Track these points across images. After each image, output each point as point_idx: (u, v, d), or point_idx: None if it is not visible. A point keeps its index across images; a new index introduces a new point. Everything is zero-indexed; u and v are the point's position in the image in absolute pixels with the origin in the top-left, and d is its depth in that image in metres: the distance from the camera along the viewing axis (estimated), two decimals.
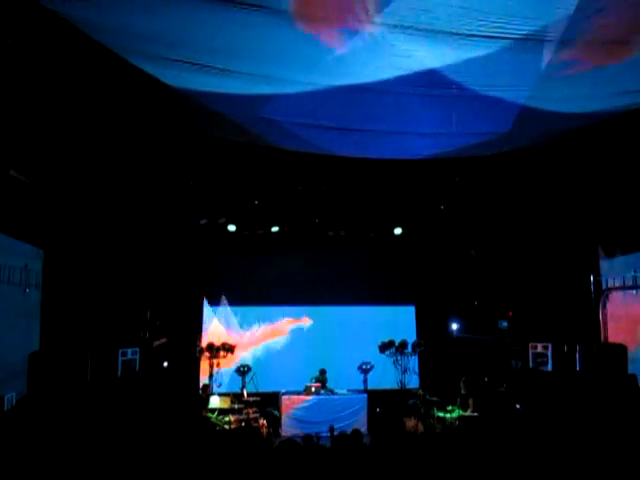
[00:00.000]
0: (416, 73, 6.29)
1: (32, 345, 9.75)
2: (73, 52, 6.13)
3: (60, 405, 8.64)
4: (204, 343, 12.93)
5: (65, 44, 5.93)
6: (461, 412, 11.76)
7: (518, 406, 10.85)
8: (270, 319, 14.00)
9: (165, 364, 12.04)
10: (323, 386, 12.77)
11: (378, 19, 5.42)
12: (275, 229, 13.09)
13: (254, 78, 6.60)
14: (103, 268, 10.97)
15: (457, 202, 11.99)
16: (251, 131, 8.06)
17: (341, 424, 12.03)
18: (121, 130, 8.22)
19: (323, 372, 13.09)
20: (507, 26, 5.56)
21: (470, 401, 11.97)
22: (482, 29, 5.61)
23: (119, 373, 10.16)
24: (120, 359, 10.23)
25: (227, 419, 11.20)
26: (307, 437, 8.45)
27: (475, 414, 11.48)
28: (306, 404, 12.39)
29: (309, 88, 6.71)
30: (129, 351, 10.53)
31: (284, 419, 12.29)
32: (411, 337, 14.05)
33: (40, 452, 7.11)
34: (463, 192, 11.29)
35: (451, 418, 11.62)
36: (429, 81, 6.49)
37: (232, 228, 12.72)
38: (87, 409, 8.61)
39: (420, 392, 12.70)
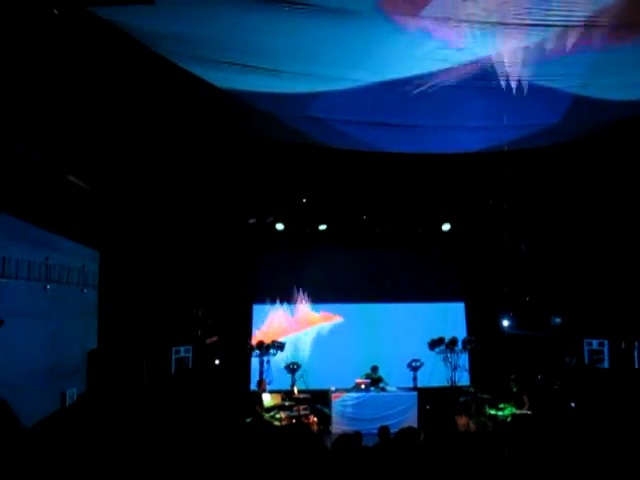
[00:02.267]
0: (465, 65, 6.23)
1: (90, 343, 10.08)
2: (126, 60, 6.30)
3: (118, 401, 8.90)
4: (254, 341, 13.08)
5: (119, 52, 6.11)
6: (514, 410, 11.54)
7: (573, 404, 10.60)
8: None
9: (217, 362, 12.23)
10: (376, 383, 12.72)
11: (426, 12, 5.40)
12: (323, 227, 13.14)
13: (301, 77, 6.66)
14: (156, 268, 11.23)
15: (506, 196, 11.78)
16: (299, 130, 8.11)
17: (391, 422, 11.95)
18: (172, 134, 8.39)
19: (375, 369, 13.03)
20: (558, 13, 5.45)
21: (525, 398, 11.74)
22: (532, 17, 5.52)
23: (173, 370, 10.39)
24: (174, 357, 10.46)
25: (278, 416, 11.29)
26: (357, 434, 8.45)
27: (528, 412, 11.25)
28: (356, 401, 12.37)
29: (356, 85, 6.72)
30: (182, 349, 10.76)
31: (334, 416, 12.30)
32: (461, 334, 13.90)
33: (99, 445, 7.34)
34: (512, 186, 11.08)
35: (503, 416, 11.41)
36: (478, 73, 6.41)
37: (280, 227, 12.84)
38: (143, 405, 8.84)
39: (471, 389, 12.53)
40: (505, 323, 13.63)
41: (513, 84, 6.68)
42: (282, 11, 5.31)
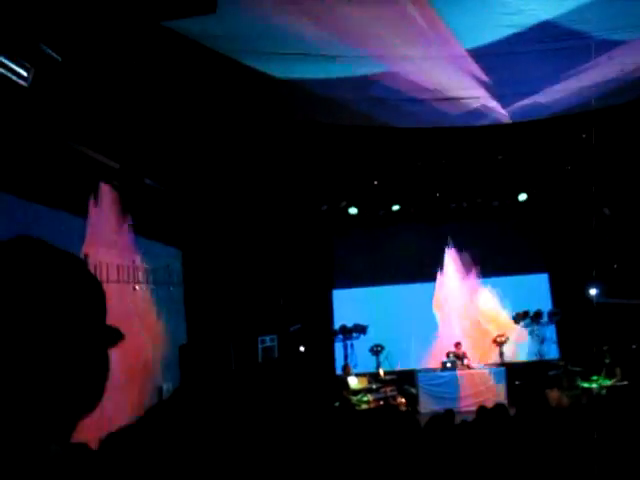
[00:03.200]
0: (530, 29, 5.99)
1: (181, 339, 10.51)
2: (191, 64, 6.49)
3: (210, 392, 9.25)
4: (336, 325, 13.23)
5: (183, 57, 6.30)
6: (607, 382, 11.11)
7: None
8: (398, 297, 13.99)
9: (302, 348, 12.46)
10: (460, 358, 12.59)
11: None
12: (396, 208, 13.06)
13: (360, 59, 6.63)
14: (236, 261, 11.53)
15: (585, 160, 11.27)
16: (363, 112, 8.07)
17: (479, 399, 11.85)
18: (241, 130, 8.56)
19: (458, 345, 12.88)
20: None
21: (617, 370, 11.28)
22: None
23: (260, 359, 10.68)
24: (260, 346, 10.75)
25: (366, 399, 11.40)
26: (449, 412, 8.40)
27: (624, 383, 10.81)
28: (443, 380, 12.30)
29: (417, 62, 6.61)
30: (267, 338, 11.04)
31: (421, 396, 12.29)
32: (546, 306, 13.50)
33: (196, 435, 7.67)
34: (590, 149, 10.59)
35: (597, 389, 11.02)
36: (544, 35, 6.16)
37: (353, 211, 12.87)
38: (234, 394, 9.15)
39: (561, 363, 12.18)
40: (593, 292, 13.10)
41: (583, 42, 6.37)
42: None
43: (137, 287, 8.57)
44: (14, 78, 4.56)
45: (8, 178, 5.77)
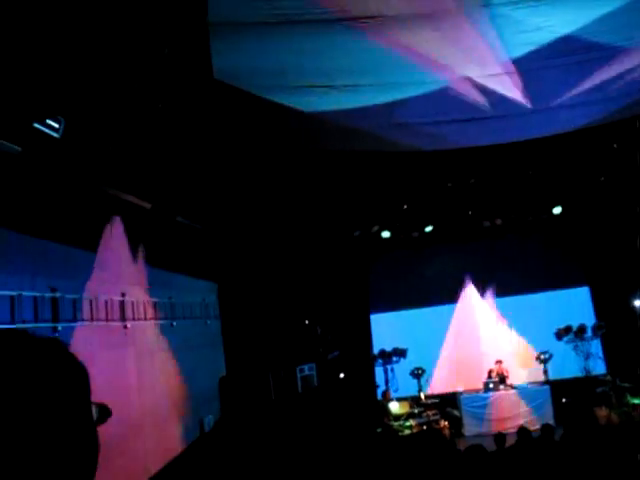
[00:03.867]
0: (549, 45, 5.97)
1: (220, 371, 10.59)
2: (219, 102, 6.66)
3: (250, 423, 9.26)
4: (376, 350, 13.15)
5: (212, 96, 6.47)
6: None
7: None
8: (436, 319, 13.84)
9: (341, 375, 12.40)
10: (503, 378, 12.32)
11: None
12: (429, 229, 12.99)
13: (381, 87, 6.70)
14: (272, 291, 11.60)
15: (618, 170, 11.07)
16: (388, 138, 8.12)
17: (525, 419, 11.57)
18: (272, 162, 8.70)
19: (499, 362, 12.61)
20: None
21: None
22: None
23: (299, 389, 10.67)
24: (299, 375, 10.74)
25: (408, 424, 11.26)
26: (500, 435, 8.23)
27: None
28: (486, 401, 12.06)
29: (439, 86, 6.64)
30: (306, 367, 11.03)
31: (465, 418, 12.07)
32: (589, 320, 13.16)
33: (238, 469, 7.67)
34: (623, 159, 10.41)
35: None
36: (567, 49, 6.13)
37: (386, 234, 12.85)
38: (274, 425, 9.14)
39: (608, 378, 11.81)
40: (637, 304, 12.74)
41: (604, 53, 6.32)
42: (351, 28, 5.42)
43: (174, 323, 8.70)
44: (46, 131, 4.76)
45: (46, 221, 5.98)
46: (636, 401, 10.92)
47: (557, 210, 12.76)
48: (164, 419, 7.95)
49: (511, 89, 7.01)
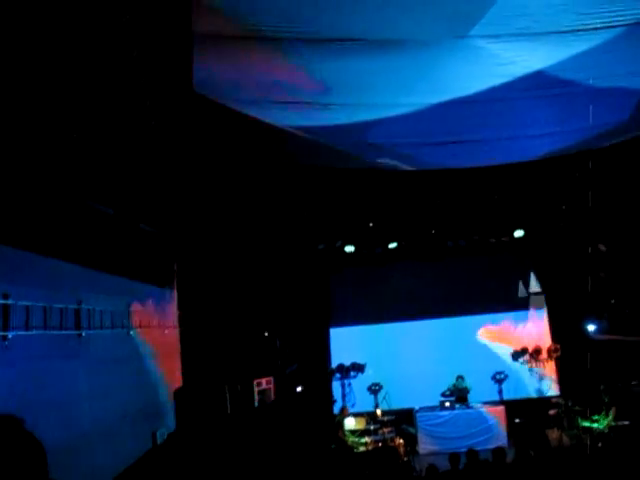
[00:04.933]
0: (522, 78, 6.07)
1: (176, 382, 10.38)
2: (186, 107, 6.54)
3: (205, 437, 9.11)
4: (334, 365, 13.11)
5: (179, 102, 6.36)
6: (610, 421, 10.95)
7: None
8: (396, 335, 13.89)
9: (299, 389, 12.32)
10: (463, 394, 12.37)
11: (474, 31, 5.31)
12: (393, 245, 13.05)
13: (355, 107, 6.70)
14: (232, 303, 11.47)
15: (580, 198, 11.33)
16: (359, 157, 8.14)
17: (479, 438, 11.69)
18: (239, 174, 8.61)
19: (461, 378, 12.66)
20: (621, 13, 5.22)
21: (613, 409, 11.10)
22: (589, 22, 5.31)
23: (256, 403, 10.54)
24: (256, 389, 10.62)
25: (364, 440, 11.24)
26: (454, 455, 8.27)
27: (625, 422, 10.65)
28: (442, 420, 12.15)
29: (412, 109, 6.67)
30: (263, 381, 10.91)
31: (420, 436, 12.12)
32: (545, 343, 13.42)
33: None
34: (585, 187, 10.66)
35: (599, 429, 10.86)
36: (537, 83, 6.24)
37: (350, 249, 12.85)
38: (229, 439, 9.01)
39: (561, 401, 12.04)
40: (591, 328, 13.04)
41: (574, 89, 6.46)
42: (329, 49, 5.39)
43: (131, 332, 8.49)
44: None
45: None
46: (587, 424, 11.13)
47: (519, 233, 12.99)
48: (112, 431, 7.72)
49: (481, 117, 7.12)
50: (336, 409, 12.80)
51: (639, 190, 10.64)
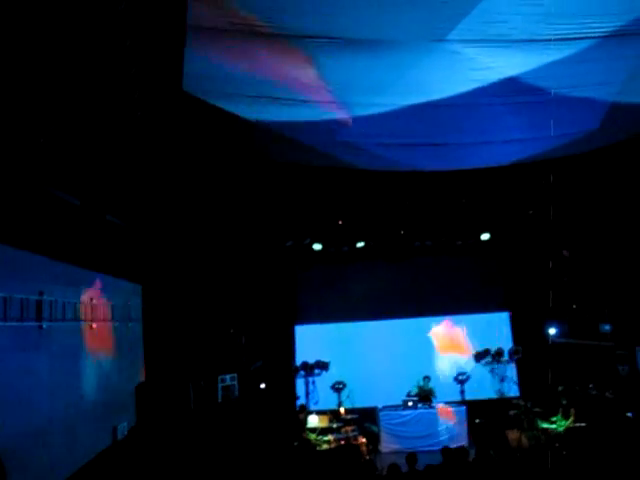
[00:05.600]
0: (496, 84, 6.13)
1: (139, 377, 10.21)
2: (156, 100, 6.43)
3: (167, 432, 8.99)
4: (298, 362, 13.09)
5: (149, 93, 6.23)
6: (566, 423, 11.19)
7: (630, 414, 10.25)
8: (361, 334, 13.94)
9: (262, 386, 12.26)
10: (428, 394, 12.48)
11: (452, 35, 5.34)
12: (361, 244, 13.08)
13: (329, 105, 6.68)
14: (198, 297, 11.34)
15: (546, 204, 11.54)
16: (330, 154, 8.12)
17: (441, 438, 11.83)
18: (206, 167, 8.50)
19: (427, 379, 12.76)
20: (593, 25, 5.32)
21: (572, 411, 11.35)
22: (563, 32, 5.40)
23: (220, 399, 10.45)
24: (220, 385, 10.53)
25: (327, 438, 11.24)
26: (411, 455, 8.31)
27: (582, 424, 10.90)
28: (404, 419, 12.23)
29: (387, 109, 6.68)
30: (228, 377, 10.83)
31: (382, 435, 12.19)
32: (507, 345, 13.65)
33: (152, 476, 7.42)
34: (551, 194, 10.85)
35: (556, 430, 11.09)
36: (510, 90, 6.32)
37: (318, 247, 12.84)
38: (192, 435, 8.92)
39: (521, 402, 12.24)
40: (552, 332, 13.31)
41: (546, 97, 6.56)
42: (307, 46, 5.37)
43: (94, 325, 8.32)
44: None
45: None
46: (545, 425, 11.36)
47: (485, 236, 13.16)
48: (71, 425, 7.55)
49: (453, 120, 7.17)
50: (298, 407, 12.77)
51: (603, 198, 10.87)
